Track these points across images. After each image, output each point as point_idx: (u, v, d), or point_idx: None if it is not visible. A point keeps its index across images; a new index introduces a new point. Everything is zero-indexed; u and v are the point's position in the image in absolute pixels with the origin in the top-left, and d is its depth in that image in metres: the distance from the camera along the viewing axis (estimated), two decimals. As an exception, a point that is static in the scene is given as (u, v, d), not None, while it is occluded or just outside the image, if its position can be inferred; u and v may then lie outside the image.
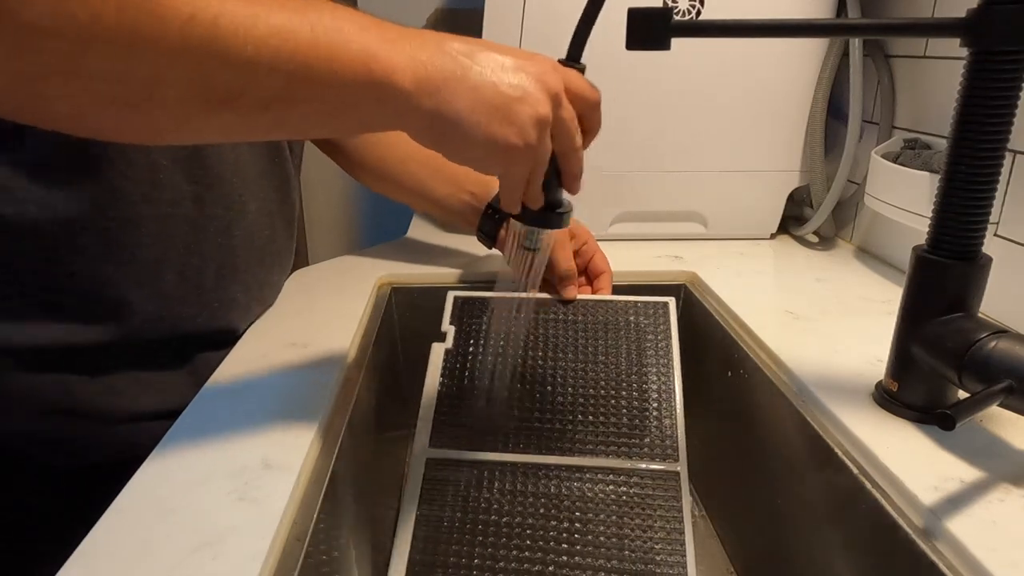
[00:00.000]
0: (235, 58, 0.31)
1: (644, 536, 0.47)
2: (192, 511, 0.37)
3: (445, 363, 0.55)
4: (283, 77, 0.33)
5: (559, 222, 0.45)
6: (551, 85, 0.39)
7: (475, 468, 0.49)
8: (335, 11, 0.35)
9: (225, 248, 0.55)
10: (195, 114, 0.32)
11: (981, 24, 0.39)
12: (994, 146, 0.40)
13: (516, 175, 0.41)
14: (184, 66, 0.30)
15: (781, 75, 0.78)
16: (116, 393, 0.51)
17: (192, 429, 0.45)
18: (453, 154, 0.40)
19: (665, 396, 0.53)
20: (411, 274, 0.71)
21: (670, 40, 0.42)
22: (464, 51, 0.38)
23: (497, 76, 0.38)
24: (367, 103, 0.36)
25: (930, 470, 0.40)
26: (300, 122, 0.35)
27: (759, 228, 0.86)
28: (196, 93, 0.31)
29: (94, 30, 0.28)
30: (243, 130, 0.35)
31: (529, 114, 0.38)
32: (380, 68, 0.35)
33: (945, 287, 0.43)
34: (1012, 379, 0.37)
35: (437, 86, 0.37)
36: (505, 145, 0.38)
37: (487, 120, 0.37)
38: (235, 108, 0.33)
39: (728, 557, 0.62)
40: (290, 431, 0.44)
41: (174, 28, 0.29)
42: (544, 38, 0.73)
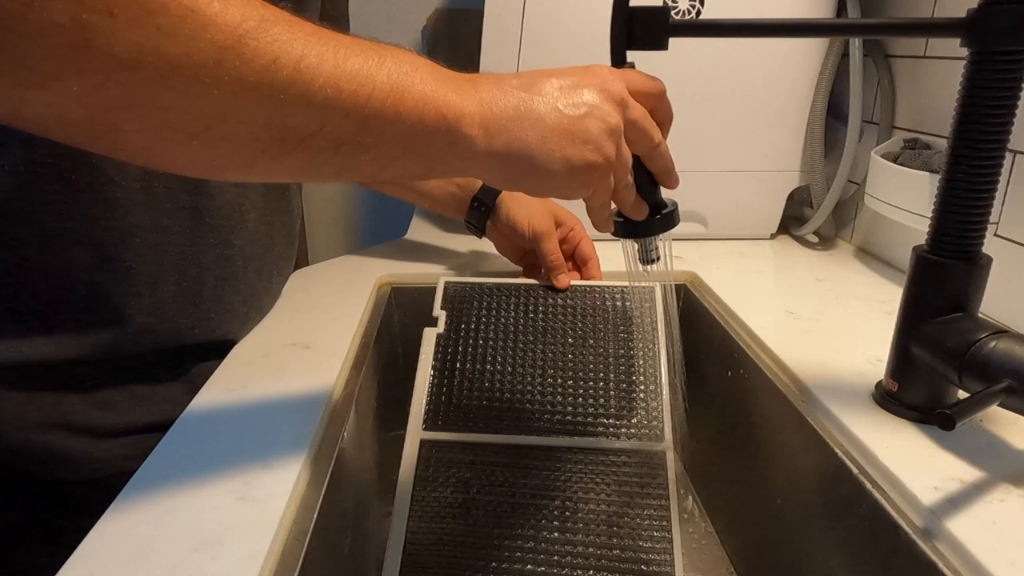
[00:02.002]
0: (313, 101, 0.31)
1: (632, 514, 0.48)
2: (192, 511, 0.37)
3: (437, 347, 0.55)
4: (357, 121, 0.32)
5: (670, 222, 0.44)
6: (613, 91, 0.38)
7: (468, 450, 0.50)
8: (403, 55, 0.35)
9: (224, 258, 0.54)
10: (266, 153, 0.32)
11: (981, 24, 0.39)
12: (994, 146, 0.40)
13: (603, 192, 0.40)
14: (262, 106, 0.30)
15: (781, 75, 0.78)
16: (110, 407, 0.50)
17: (192, 429, 0.45)
18: (535, 189, 0.39)
19: (651, 379, 0.54)
20: (411, 274, 0.71)
21: (668, 40, 0.42)
22: (521, 84, 0.37)
23: (558, 99, 0.37)
24: (438, 148, 0.35)
25: (930, 470, 0.40)
26: (368, 165, 0.35)
27: (759, 228, 0.86)
28: (270, 133, 0.31)
29: (180, 67, 0.28)
30: (311, 171, 0.35)
31: (600, 127, 0.37)
32: (452, 113, 0.35)
33: (945, 287, 0.43)
34: (1012, 379, 0.37)
35: (503, 125, 0.36)
36: (584, 165, 0.38)
37: (560, 146, 0.37)
38: (306, 150, 0.32)
39: (728, 557, 0.62)
40: (290, 431, 0.44)
41: (257, 69, 0.29)
42: (544, 38, 0.73)
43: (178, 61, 0.27)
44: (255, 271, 0.58)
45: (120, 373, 0.50)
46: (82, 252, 0.47)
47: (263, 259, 0.59)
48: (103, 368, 0.49)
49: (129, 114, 0.28)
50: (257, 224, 0.57)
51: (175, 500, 0.38)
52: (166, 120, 0.29)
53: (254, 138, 0.31)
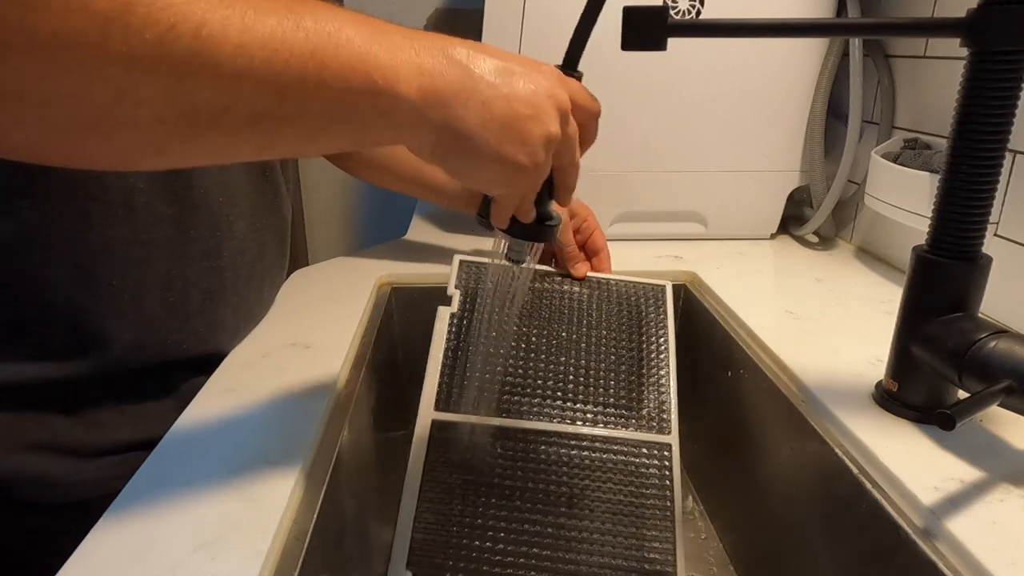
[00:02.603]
0: (221, 72, 0.28)
1: (636, 503, 0.49)
2: (192, 511, 0.37)
3: (450, 327, 0.55)
4: (274, 91, 0.29)
5: (550, 235, 0.44)
6: (560, 100, 0.37)
7: (478, 432, 0.50)
8: (325, 11, 0.31)
9: (212, 271, 0.52)
10: (174, 137, 0.29)
11: (981, 24, 0.39)
12: (994, 146, 0.40)
13: (517, 194, 0.40)
14: (161, 83, 0.27)
15: (781, 75, 0.78)
16: (97, 426, 0.48)
17: (192, 429, 0.45)
18: (457, 172, 0.38)
19: (661, 373, 0.55)
20: (411, 274, 0.71)
21: (666, 40, 0.42)
22: (470, 57, 0.35)
23: (508, 89, 0.35)
24: (368, 116, 0.33)
25: (930, 470, 0.40)
26: (293, 139, 0.32)
27: (759, 228, 0.86)
28: (175, 113, 0.28)
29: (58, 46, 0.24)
30: (230, 152, 0.31)
31: (540, 132, 0.36)
32: (383, 77, 0.32)
33: (945, 287, 0.43)
34: (1012, 379, 0.37)
35: (446, 99, 0.34)
36: (514, 165, 0.36)
37: (498, 139, 0.35)
38: (220, 128, 0.29)
39: (728, 556, 0.62)
40: (290, 431, 0.44)
41: (151, 40, 0.26)
42: (544, 38, 0.73)
43: (54, 40, 0.24)
44: (245, 282, 0.56)
45: (106, 391, 0.48)
46: (59, 270, 0.45)
47: (253, 268, 0.57)
48: (88, 387, 0.48)
49: (5, 108, 0.25)
50: (246, 233, 0.55)
51: (175, 500, 0.38)
52: (51, 112, 0.26)
53: (158, 120, 0.28)
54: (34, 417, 0.46)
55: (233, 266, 0.54)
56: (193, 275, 0.51)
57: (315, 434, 0.45)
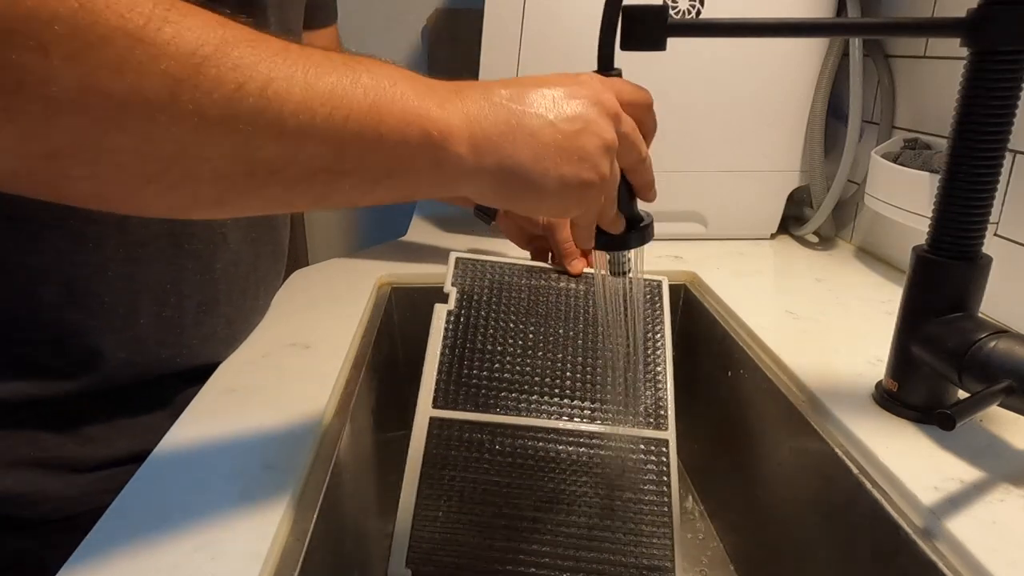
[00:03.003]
0: (284, 129, 0.28)
1: (634, 499, 0.49)
2: (192, 511, 0.37)
3: (447, 324, 0.55)
4: (334, 146, 0.30)
5: (646, 236, 0.43)
6: (608, 104, 0.37)
7: (476, 429, 0.51)
8: (379, 68, 0.32)
9: (206, 283, 0.51)
10: (235, 190, 0.29)
11: (981, 24, 0.39)
12: (994, 146, 0.40)
13: (593, 210, 0.39)
14: (227, 140, 0.27)
15: (781, 75, 0.78)
16: (89, 441, 0.47)
17: (192, 429, 0.45)
18: (528, 208, 0.37)
19: (658, 369, 0.55)
20: (411, 274, 0.71)
21: (666, 41, 0.42)
22: (511, 95, 0.35)
23: (552, 113, 0.35)
24: (423, 169, 0.33)
25: (930, 470, 0.40)
26: (349, 192, 0.32)
27: (759, 228, 0.86)
28: (237, 169, 0.28)
29: (130, 104, 0.25)
30: (284, 204, 0.32)
31: (596, 144, 0.36)
32: (437, 129, 0.32)
33: (945, 287, 0.43)
34: (1012, 379, 0.37)
35: (494, 142, 0.34)
36: (579, 184, 0.36)
37: (555, 164, 0.35)
38: (279, 182, 0.30)
39: (728, 556, 0.62)
40: (290, 431, 0.44)
41: (219, 100, 0.26)
42: (544, 38, 0.73)
43: (127, 99, 0.24)
44: (239, 293, 0.56)
45: (98, 407, 0.48)
46: (51, 289, 0.44)
47: (247, 280, 0.57)
48: (79, 403, 0.47)
49: (75, 160, 0.25)
50: (240, 244, 0.54)
51: (175, 500, 0.38)
52: (118, 164, 0.26)
53: (220, 175, 0.28)
54: (24, 435, 0.45)
55: (227, 277, 0.53)
56: (187, 288, 0.50)
57: (315, 434, 0.45)
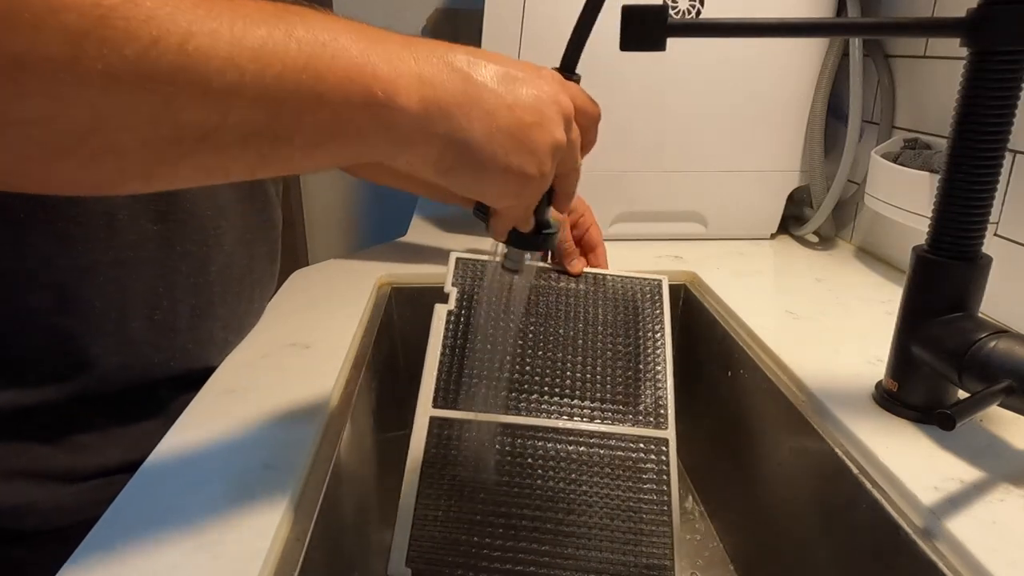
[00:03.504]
0: (209, 88, 0.26)
1: (634, 498, 0.49)
2: (192, 511, 0.37)
3: (447, 324, 0.55)
4: (267, 106, 0.27)
5: (550, 243, 0.43)
6: (564, 106, 0.36)
7: (476, 428, 0.51)
8: (317, 19, 0.29)
9: (200, 286, 0.50)
10: (160, 160, 0.27)
11: (981, 24, 0.39)
12: (994, 146, 0.40)
13: (522, 205, 0.38)
14: (145, 104, 0.25)
15: (781, 75, 0.78)
16: (80, 450, 0.45)
17: (192, 429, 0.45)
18: (462, 186, 0.36)
19: (657, 368, 0.55)
20: (411, 274, 0.71)
21: (665, 41, 0.41)
22: (470, 64, 0.33)
23: (512, 97, 0.34)
24: (367, 130, 0.31)
25: (930, 470, 0.40)
26: (288, 157, 0.30)
27: (759, 228, 0.86)
28: (161, 135, 0.26)
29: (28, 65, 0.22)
30: (220, 172, 0.29)
31: (547, 141, 0.35)
32: (382, 88, 0.30)
33: (945, 287, 0.43)
34: (1012, 379, 0.37)
35: (449, 110, 0.32)
36: (520, 175, 0.35)
37: (504, 150, 0.34)
38: (209, 148, 0.27)
39: (728, 557, 0.62)
40: (290, 431, 0.44)
41: (131, 56, 0.23)
42: (544, 38, 0.73)
43: (23, 58, 0.22)
44: (234, 295, 0.54)
45: (89, 415, 0.46)
46: (39, 295, 0.42)
47: (242, 282, 0.55)
48: (69, 411, 0.45)
49: None
50: (235, 246, 0.53)
51: (175, 500, 0.38)
52: (25, 136, 0.23)
53: (142, 143, 0.26)
54: (12, 445, 0.44)
55: (222, 280, 0.52)
56: (180, 292, 0.49)
57: (315, 434, 0.45)
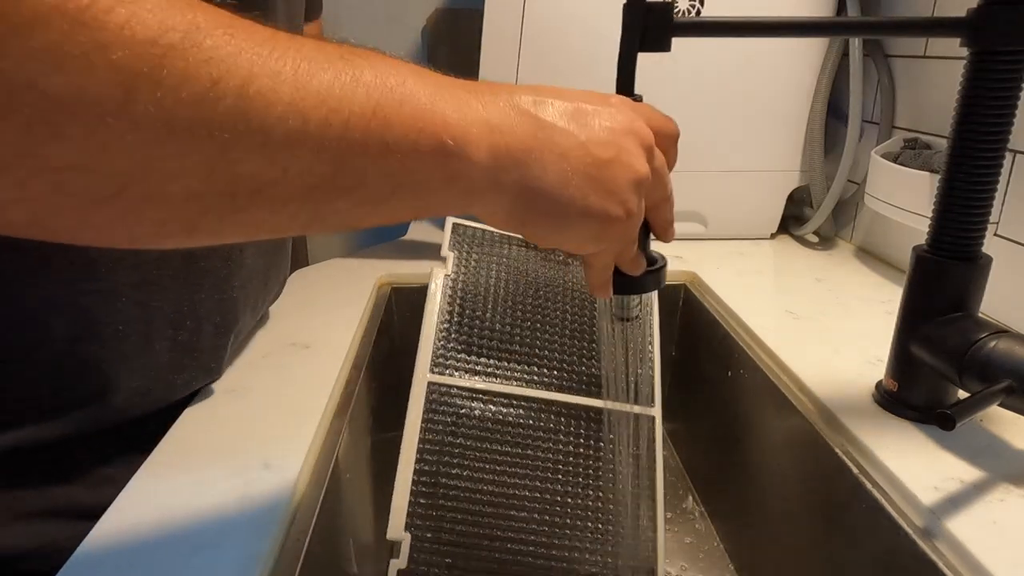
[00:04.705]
0: (270, 138, 0.23)
1: (622, 471, 0.51)
2: (192, 511, 0.37)
3: (444, 288, 0.56)
4: (332, 158, 0.25)
5: (659, 280, 0.39)
6: (642, 135, 0.33)
7: (472, 396, 0.51)
8: (382, 62, 0.27)
9: (223, 303, 0.48)
10: (209, 214, 0.24)
11: (981, 24, 0.39)
12: (994, 146, 0.40)
13: (612, 251, 0.35)
14: (198, 151, 0.22)
15: (781, 75, 0.78)
16: (104, 483, 0.42)
17: (192, 429, 0.45)
18: (542, 237, 0.33)
19: (646, 347, 0.56)
20: (411, 274, 0.71)
21: (671, 41, 0.39)
22: (537, 104, 0.31)
23: (585, 134, 0.31)
24: (434, 182, 0.28)
25: (930, 470, 0.40)
26: (348, 212, 0.27)
27: (759, 228, 0.86)
28: (213, 187, 0.23)
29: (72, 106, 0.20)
30: (272, 228, 0.26)
31: (628, 177, 0.32)
32: (452, 137, 0.27)
33: (945, 287, 0.43)
34: (1012, 379, 0.37)
35: (518, 157, 0.30)
36: (604, 219, 0.32)
37: (582, 192, 0.31)
38: (264, 203, 0.24)
39: (728, 557, 0.62)
40: (290, 431, 0.44)
41: (187, 100, 0.21)
42: (544, 38, 0.73)
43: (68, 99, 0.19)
44: (252, 310, 0.53)
45: (111, 446, 0.43)
46: (61, 322, 0.39)
47: (259, 295, 0.54)
48: (91, 444, 0.43)
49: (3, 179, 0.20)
50: (254, 260, 0.51)
51: (175, 500, 0.38)
52: (57, 183, 0.21)
53: (192, 195, 0.23)
54: (32, 484, 0.41)
55: (244, 295, 0.50)
56: (204, 310, 0.46)
57: (315, 434, 0.44)
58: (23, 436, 0.40)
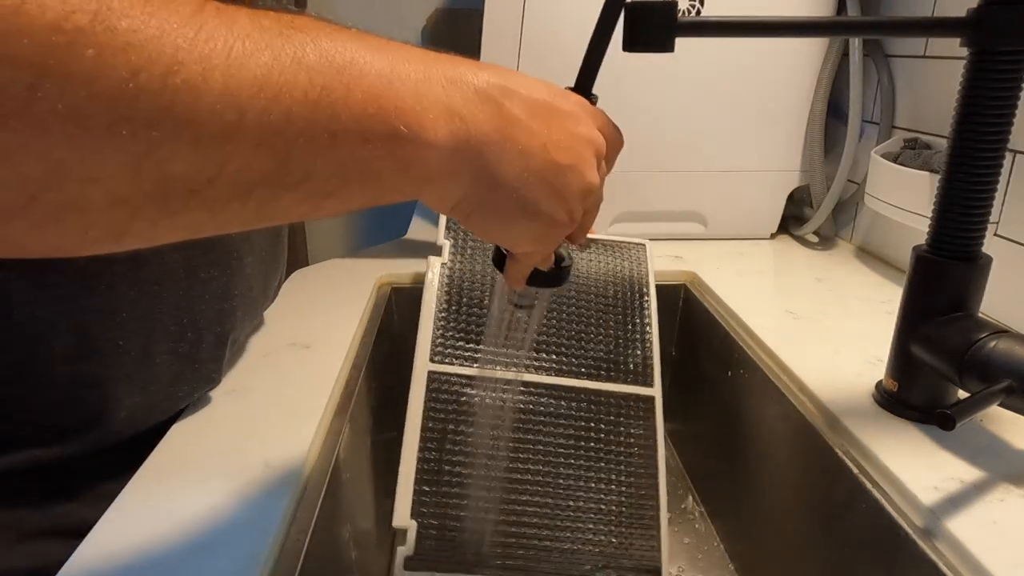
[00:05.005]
0: (202, 132, 0.21)
1: (625, 452, 0.52)
2: (192, 511, 0.37)
3: (441, 277, 0.56)
4: (273, 152, 0.22)
5: (564, 278, 0.40)
6: (598, 145, 0.33)
7: (473, 384, 0.52)
8: (328, 34, 0.24)
9: (224, 312, 0.47)
10: (138, 219, 0.21)
11: (981, 24, 0.39)
12: (994, 146, 0.40)
13: (547, 250, 0.35)
14: (121, 152, 0.20)
15: (781, 75, 0.78)
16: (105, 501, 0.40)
17: (193, 429, 0.45)
18: (482, 230, 0.32)
19: (643, 329, 0.57)
20: (411, 274, 0.71)
21: (674, 41, 0.39)
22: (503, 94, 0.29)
23: (547, 135, 0.30)
24: (386, 171, 0.26)
25: (930, 470, 0.40)
26: (291, 208, 0.25)
27: (759, 228, 0.86)
28: (140, 191, 0.21)
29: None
30: (210, 229, 0.24)
31: (578, 186, 0.31)
32: (406, 122, 0.25)
33: (945, 287, 0.43)
34: (1012, 379, 0.37)
35: (478, 148, 0.28)
36: (550, 223, 0.32)
37: (535, 195, 0.30)
38: (200, 205, 0.22)
39: (728, 556, 0.62)
40: (290, 431, 0.44)
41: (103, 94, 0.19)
42: (544, 38, 0.73)
43: None
44: (251, 317, 0.53)
45: (112, 463, 0.42)
46: (60, 341, 0.38)
47: (257, 302, 0.53)
48: (91, 462, 0.42)
49: None
50: (254, 267, 0.51)
51: (175, 500, 0.38)
52: None
53: (117, 200, 0.20)
54: (32, 504, 0.40)
55: (243, 303, 0.49)
56: (204, 321, 0.45)
57: (315, 434, 0.44)
58: (23, 458, 0.39)
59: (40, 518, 0.40)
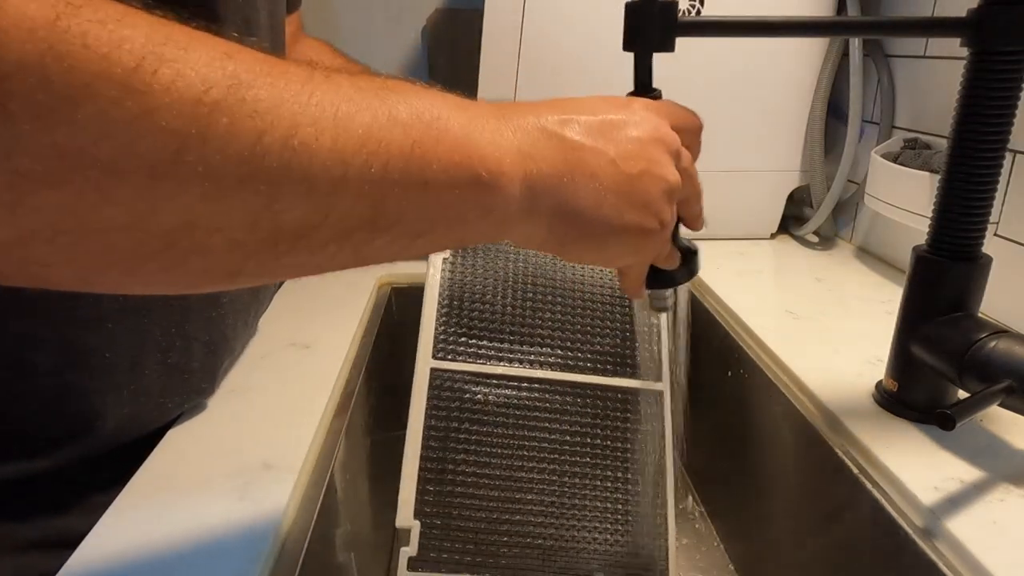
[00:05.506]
0: (314, 187, 0.23)
1: (632, 448, 0.51)
2: (192, 511, 0.37)
3: (443, 273, 0.56)
4: (372, 201, 0.25)
5: (694, 268, 0.40)
6: (668, 140, 0.33)
7: (476, 380, 0.51)
8: (416, 94, 0.27)
9: (214, 322, 0.46)
10: (252, 259, 0.24)
11: (981, 24, 0.39)
12: (994, 146, 0.40)
13: (649, 259, 0.36)
14: (243, 204, 0.22)
15: (781, 75, 0.78)
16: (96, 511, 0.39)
17: (192, 429, 0.45)
18: (579, 256, 0.34)
19: (652, 322, 0.56)
20: (411, 274, 0.71)
21: (674, 41, 0.39)
22: (563, 124, 0.31)
23: (613, 149, 0.31)
24: (471, 214, 0.28)
25: (930, 470, 0.40)
26: (384, 249, 0.27)
27: (759, 228, 0.86)
28: (257, 236, 0.23)
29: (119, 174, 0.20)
30: (311, 269, 0.26)
31: (659, 188, 0.32)
32: (488, 171, 0.27)
33: (945, 287, 0.43)
34: (1012, 379, 0.37)
35: (551, 183, 0.30)
36: (640, 232, 0.32)
37: (616, 211, 0.31)
38: (305, 248, 0.25)
39: (728, 557, 0.62)
40: (290, 431, 0.44)
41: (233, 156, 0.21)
42: (544, 38, 0.73)
43: (118, 165, 0.19)
44: (243, 324, 0.52)
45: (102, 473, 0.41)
46: (48, 353, 0.38)
47: (249, 309, 0.53)
48: (81, 473, 0.41)
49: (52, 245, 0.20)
50: None
51: (175, 500, 0.38)
52: (108, 244, 0.21)
53: (235, 245, 0.23)
54: (22, 516, 0.40)
55: (234, 310, 0.49)
56: (194, 330, 0.45)
57: (315, 434, 0.44)
58: (12, 470, 0.39)
59: (30, 531, 0.40)
